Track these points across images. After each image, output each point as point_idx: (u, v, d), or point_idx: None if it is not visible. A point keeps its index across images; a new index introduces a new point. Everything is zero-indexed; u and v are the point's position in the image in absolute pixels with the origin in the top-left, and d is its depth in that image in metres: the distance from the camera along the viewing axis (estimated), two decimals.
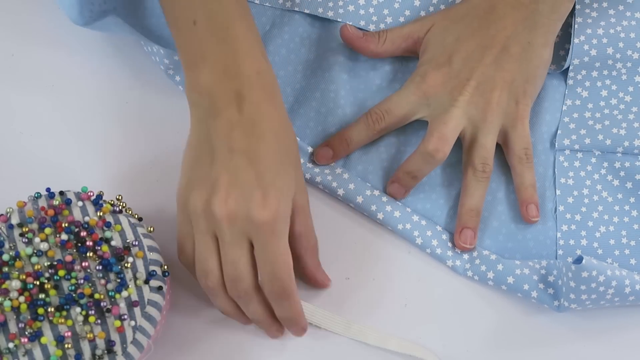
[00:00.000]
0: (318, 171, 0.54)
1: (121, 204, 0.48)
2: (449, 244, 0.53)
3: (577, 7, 0.56)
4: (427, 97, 0.52)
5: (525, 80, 0.53)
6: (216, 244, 0.46)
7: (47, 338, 0.42)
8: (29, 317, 0.43)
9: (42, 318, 0.43)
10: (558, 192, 0.54)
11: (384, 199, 0.53)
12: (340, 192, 0.53)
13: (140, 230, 0.47)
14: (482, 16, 0.53)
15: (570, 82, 0.56)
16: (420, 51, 0.55)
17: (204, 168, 0.45)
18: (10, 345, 0.42)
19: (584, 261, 0.46)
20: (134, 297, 0.44)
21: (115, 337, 0.43)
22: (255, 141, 0.44)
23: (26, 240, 0.44)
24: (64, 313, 0.43)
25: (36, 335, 0.42)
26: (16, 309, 0.43)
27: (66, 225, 0.45)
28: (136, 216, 0.48)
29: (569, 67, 0.56)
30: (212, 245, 0.46)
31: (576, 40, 0.55)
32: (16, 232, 0.45)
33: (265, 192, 0.44)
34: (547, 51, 0.54)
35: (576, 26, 0.55)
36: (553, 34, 0.54)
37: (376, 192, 0.53)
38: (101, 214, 0.46)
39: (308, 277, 0.51)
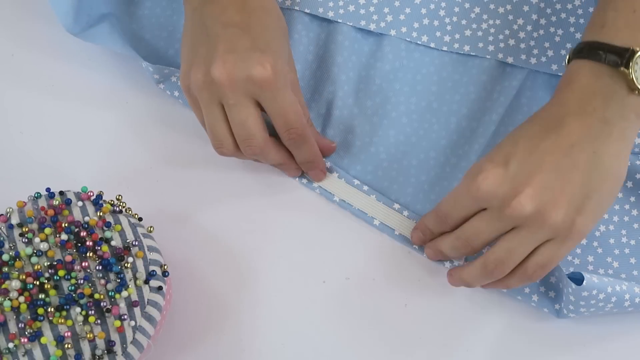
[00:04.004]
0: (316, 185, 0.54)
1: (121, 204, 0.48)
2: None
3: (579, 9, 0.56)
4: (477, 201, 0.46)
5: (586, 195, 0.44)
6: (223, 112, 0.48)
7: (47, 338, 0.42)
8: (29, 317, 0.43)
9: (42, 318, 0.43)
10: None
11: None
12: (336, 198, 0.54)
13: (140, 230, 0.47)
14: (543, 122, 0.46)
15: None
16: None
17: (200, 48, 0.48)
18: (10, 345, 0.42)
19: (584, 282, 0.46)
20: (134, 297, 0.44)
21: (115, 337, 0.43)
22: (247, 16, 0.48)
23: (26, 240, 0.45)
24: (64, 313, 0.43)
25: (36, 335, 0.42)
26: (16, 309, 0.43)
27: (66, 225, 0.45)
28: (136, 216, 0.48)
29: None
30: (219, 113, 0.48)
31: (578, 37, 0.55)
32: (16, 232, 0.45)
33: (261, 52, 0.46)
34: (618, 163, 0.45)
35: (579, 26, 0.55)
36: (627, 145, 0.46)
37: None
38: (101, 214, 0.46)
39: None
